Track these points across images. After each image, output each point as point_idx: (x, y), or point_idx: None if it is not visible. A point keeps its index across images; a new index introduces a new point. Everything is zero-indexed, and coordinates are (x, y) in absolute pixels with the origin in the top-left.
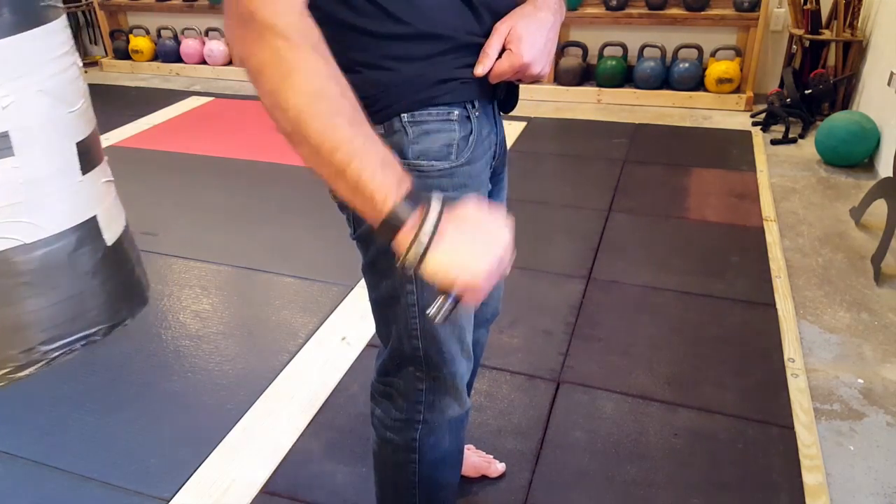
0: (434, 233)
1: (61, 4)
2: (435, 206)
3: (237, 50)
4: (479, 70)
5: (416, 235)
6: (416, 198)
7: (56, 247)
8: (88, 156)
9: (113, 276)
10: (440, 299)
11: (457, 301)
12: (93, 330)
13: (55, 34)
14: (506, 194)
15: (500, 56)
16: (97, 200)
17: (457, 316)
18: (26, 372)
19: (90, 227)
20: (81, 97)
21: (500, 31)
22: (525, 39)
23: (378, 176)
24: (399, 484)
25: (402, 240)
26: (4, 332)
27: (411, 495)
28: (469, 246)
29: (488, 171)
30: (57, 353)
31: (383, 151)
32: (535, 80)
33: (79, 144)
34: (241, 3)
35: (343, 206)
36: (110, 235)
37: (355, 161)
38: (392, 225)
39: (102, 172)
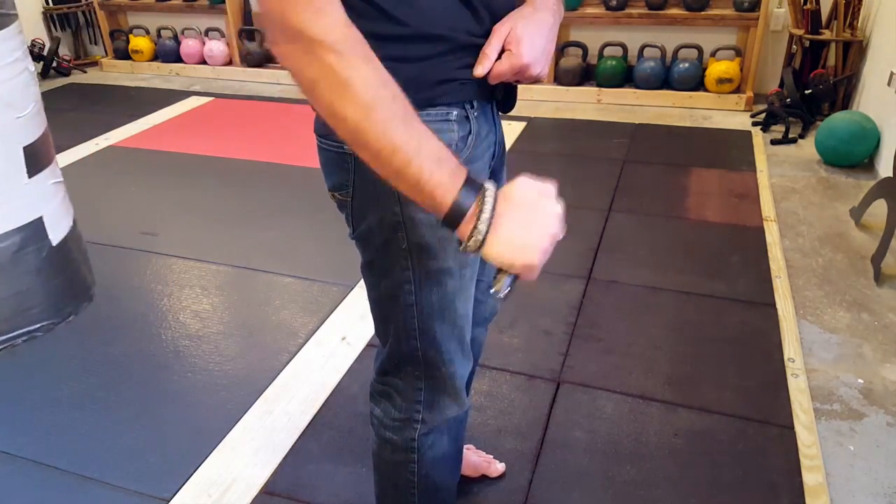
0: (491, 220)
1: (14, 11)
2: (490, 193)
3: (287, 64)
4: (479, 71)
5: (476, 225)
6: (473, 187)
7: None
8: (36, 158)
9: (57, 274)
10: (501, 277)
11: (515, 278)
12: (35, 326)
13: (6, 41)
14: None
15: (499, 57)
16: (44, 202)
17: (513, 287)
18: None
19: (35, 228)
20: (32, 101)
21: (500, 32)
22: (524, 41)
23: (436, 174)
24: (398, 484)
25: (464, 229)
26: None
27: (410, 495)
28: (524, 229)
29: (487, 171)
30: None
31: (437, 146)
32: (535, 80)
33: (26, 148)
34: (287, 20)
35: (342, 206)
36: (56, 235)
37: (413, 163)
38: (454, 217)
39: (51, 174)
